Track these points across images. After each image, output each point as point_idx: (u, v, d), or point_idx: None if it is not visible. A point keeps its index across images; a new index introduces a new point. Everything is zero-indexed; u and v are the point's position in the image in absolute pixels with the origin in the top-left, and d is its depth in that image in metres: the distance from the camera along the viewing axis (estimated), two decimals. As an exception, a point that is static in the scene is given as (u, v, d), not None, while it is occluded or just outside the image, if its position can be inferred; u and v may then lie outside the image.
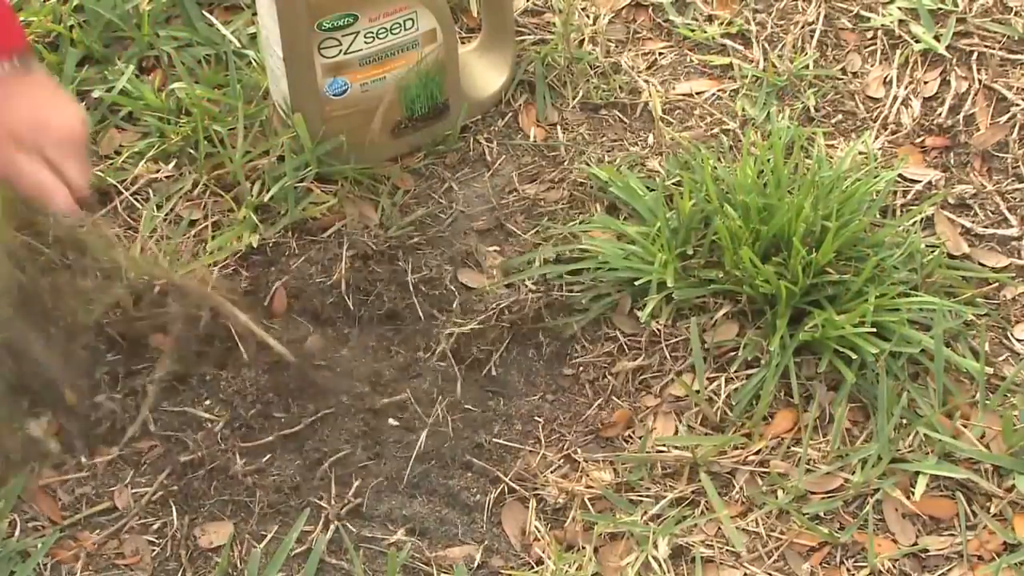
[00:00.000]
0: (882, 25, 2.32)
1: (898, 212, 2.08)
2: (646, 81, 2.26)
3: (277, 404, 1.91)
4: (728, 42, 2.32)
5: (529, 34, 2.31)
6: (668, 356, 1.94)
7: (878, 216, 2.04)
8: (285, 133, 2.06)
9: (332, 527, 1.80)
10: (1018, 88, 2.22)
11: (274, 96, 2.11)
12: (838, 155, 2.13)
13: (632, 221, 2.06)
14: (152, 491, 1.81)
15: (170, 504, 1.81)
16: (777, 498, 1.80)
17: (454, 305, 2.00)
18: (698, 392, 1.89)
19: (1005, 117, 2.20)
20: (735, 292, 1.95)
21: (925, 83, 2.25)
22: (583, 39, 2.31)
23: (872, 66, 2.28)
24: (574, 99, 2.24)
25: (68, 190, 1.67)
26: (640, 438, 1.86)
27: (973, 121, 2.20)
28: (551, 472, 1.85)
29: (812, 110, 2.22)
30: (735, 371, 1.91)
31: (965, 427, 1.85)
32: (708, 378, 1.91)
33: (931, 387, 1.88)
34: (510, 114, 2.23)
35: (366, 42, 2.01)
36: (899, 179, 2.11)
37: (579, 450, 1.87)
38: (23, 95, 1.67)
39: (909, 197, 2.11)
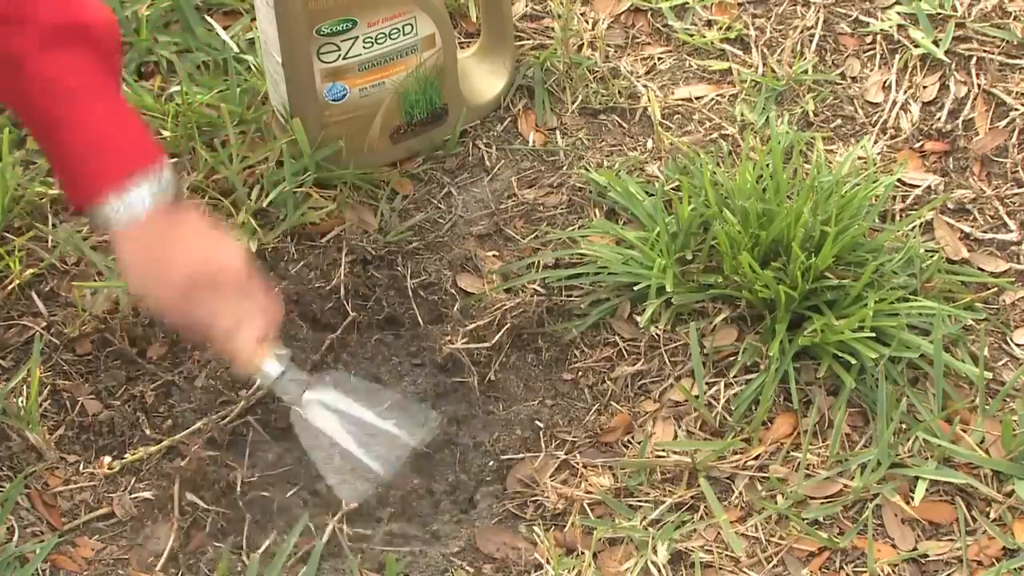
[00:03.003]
0: (881, 30, 2.31)
1: (897, 217, 2.08)
2: (645, 86, 2.26)
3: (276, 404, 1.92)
4: (727, 47, 2.32)
5: (528, 39, 2.31)
6: (667, 361, 1.94)
7: (877, 221, 2.04)
8: (284, 138, 2.06)
9: (330, 532, 1.79)
10: (1017, 93, 2.22)
11: (273, 101, 2.11)
12: (837, 160, 2.13)
13: (631, 226, 2.06)
14: (150, 498, 1.80)
15: (169, 511, 1.80)
16: (776, 503, 1.80)
17: (453, 310, 2.00)
18: (697, 397, 1.89)
19: (1004, 122, 2.20)
20: (734, 297, 1.94)
21: (924, 88, 2.25)
22: (582, 44, 2.31)
23: (871, 71, 2.28)
24: (573, 104, 2.24)
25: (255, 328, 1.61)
26: (639, 443, 1.86)
27: (972, 126, 2.20)
28: (550, 477, 1.85)
29: (811, 115, 2.22)
30: (734, 376, 1.91)
31: (964, 432, 1.85)
32: (707, 383, 1.91)
33: (930, 392, 1.88)
34: (509, 119, 2.23)
35: (365, 47, 2.01)
36: (898, 184, 2.11)
37: (578, 455, 1.87)
38: (187, 234, 1.58)
39: (908, 202, 2.10)
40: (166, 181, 1.55)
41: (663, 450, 1.85)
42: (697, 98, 2.25)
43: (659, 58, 2.31)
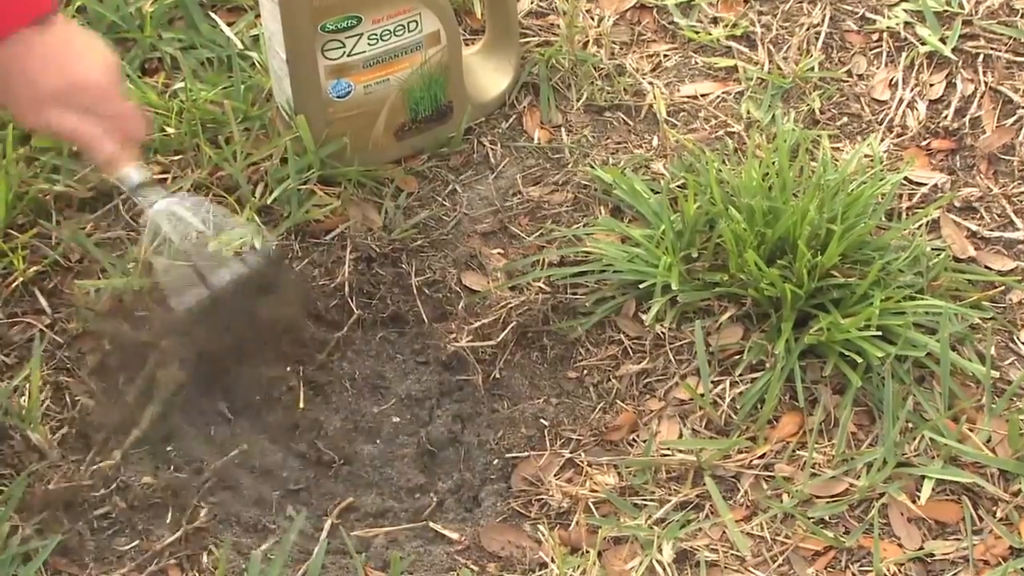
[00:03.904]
0: (888, 27, 2.31)
1: (904, 215, 2.08)
2: (651, 83, 2.26)
3: (277, 406, 1.92)
4: (733, 44, 2.31)
5: (533, 36, 2.31)
6: (672, 359, 1.93)
7: (883, 219, 2.03)
8: (288, 135, 2.06)
9: (333, 529, 1.79)
10: (1024, 91, 2.22)
11: (277, 98, 2.11)
12: (843, 158, 2.12)
13: (636, 224, 2.05)
14: (152, 496, 1.80)
15: (171, 508, 1.80)
16: (782, 502, 1.79)
17: (458, 308, 2.00)
18: (703, 395, 1.88)
19: (1011, 120, 2.19)
20: (740, 295, 1.94)
21: (931, 85, 2.24)
22: (587, 41, 2.30)
23: (878, 68, 2.28)
24: (578, 101, 2.24)
25: (115, 138, 1.71)
26: (644, 442, 1.86)
27: (979, 124, 2.20)
28: (555, 476, 1.84)
29: (817, 112, 2.21)
30: (740, 374, 1.90)
31: (971, 431, 1.84)
32: (713, 381, 1.90)
33: (937, 391, 1.87)
34: (514, 116, 2.22)
35: (369, 44, 2.01)
36: (905, 182, 2.11)
37: (583, 453, 1.86)
38: (49, 53, 1.65)
39: (915, 200, 2.10)
40: (47, 15, 1.64)
41: (668, 449, 1.85)
42: (703, 95, 2.25)
43: (664, 55, 2.31)
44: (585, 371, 1.95)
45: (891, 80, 2.26)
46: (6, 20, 1.63)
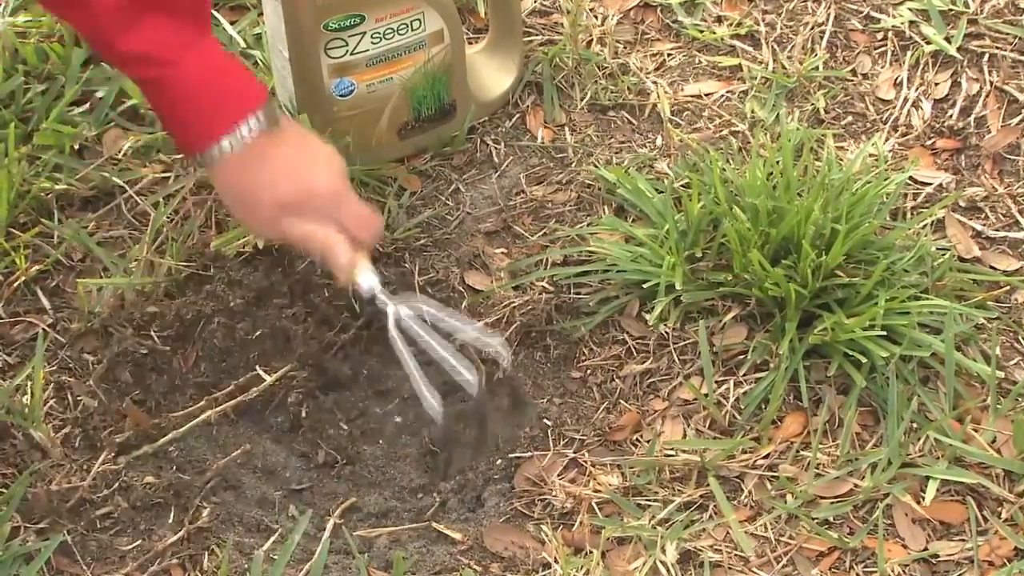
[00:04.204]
0: (892, 26, 2.31)
1: (908, 215, 2.07)
2: (654, 82, 2.25)
3: (280, 406, 1.91)
4: (737, 43, 2.31)
5: (537, 35, 2.30)
6: (676, 359, 1.93)
7: (888, 219, 2.03)
8: (291, 134, 2.05)
9: (336, 529, 1.78)
10: (1030, 90, 2.22)
11: (280, 96, 2.10)
12: (848, 157, 2.12)
13: (640, 223, 2.05)
14: (154, 495, 1.80)
15: (173, 508, 1.80)
16: (786, 503, 1.79)
17: (461, 307, 1.99)
18: (706, 395, 1.88)
19: (1016, 119, 2.19)
20: (744, 295, 1.93)
21: (936, 85, 2.24)
22: (591, 40, 2.30)
23: (882, 68, 2.27)
24: (582, 100, 2.23)
25: (351, 245, 1.72)
26: (648, 442, 1.85)
27: (984, 123, 2.19)
28: (558, 476, 1.84)
29: (822, 112, 2.21)
30: (744, 374, 1.90)
31: (976, 431, 1.83)
32: (717, 381, 1.90)
33: (942, 391, 1.87)
34: (517, 115, 2.22)
35: (373, 43, 2.00)
36: (909, 182, 2.10)
37: (587, 453, 1.86)
38: (281, 161, 1.69)
39: (920, 200, 2.09)
40: (265, 116, 1.68)
41: (672, 449, 1.84)
42: (707, 94, 2.24)
43: (669, 54, 2.30)
44: (589, 371, 1.94)
45: (896, 79, 2.26)
46: (227, 111, 1.67)
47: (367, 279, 1.76)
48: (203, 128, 1.67)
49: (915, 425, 1.84)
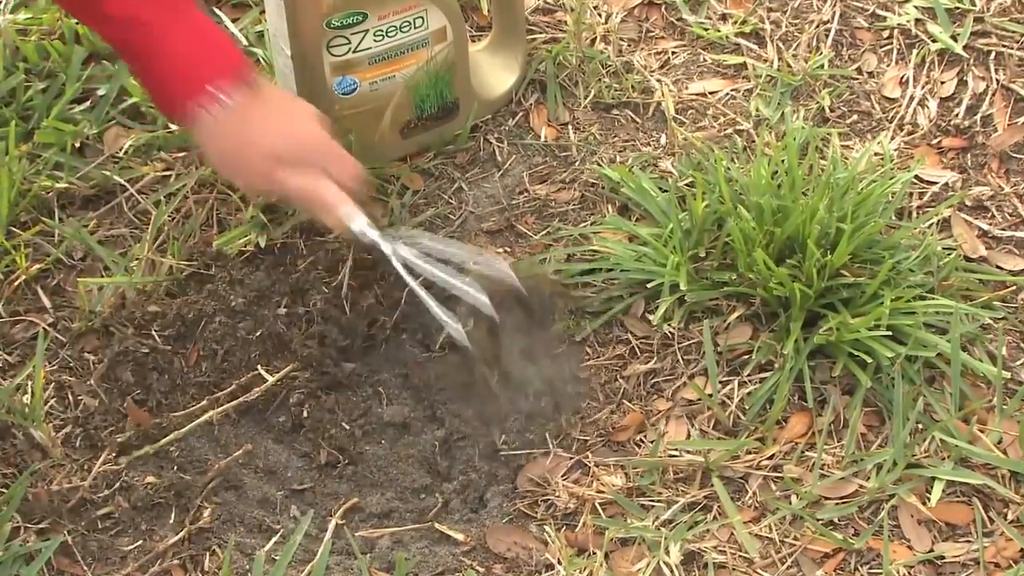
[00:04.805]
0: (898, 24, 2.30)
1: (914, 214, 2.06)
2: (659, 80, 2.25)
3: (282, 406, 1.91)
4: (742, 41, 2.30)
5: (540, 33, 2.30)
6: (680, 359, 1.92)
7: (894, 218, 2.02)
8: (293, 132, 2.05)
9: (338, 529, 1.78)
10: (1036, 88, 2.21)
11: (282, 95, 2.10)
12: (853, 156, 2.11)
13: (644, 222, 2.04)
14: (155, 495, 1.79)
15: (174, 508, 1.79)
16: (791, 504, 1.78)
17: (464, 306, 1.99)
18: (711, 396, 1.87)
19: (1023, 118, 2.18)
20: (748, 295, 1.93)
21: (942, 83, 2.23)
22: (595, 38, 2.29)
23: (888, 66, 2.27)
24: (586, 99, 2.23)
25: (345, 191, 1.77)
26: (652, 442, 1.85)
27: (991, 122, 2.19)
28: (562, 476, 1.83)
29: (827, 110, 2.20)
30: (748, 375, 1.89)
31: (982, 432, 1.83)
32: (721, 382, 1.89)
33: (947, 391, 1.86)
34: (521, 114, 2.21)
35: (375, 40, 2.00)
36: (915, 181, 2.09)
37: (590, 454, 1.85)
38: (270, 117, 1.74)
39: (925, 199, 2.09)
40: (245, 76, 1.73)
41: (676, 449, 1.84)
42: (711, 93, 2.24)
43: (673, 52, 2.30)
44: (592, 371, 1.93)
45: (902, 78, 2.25)
46: (204, 73, 1.72)
47: (366, 226, 1.79)
48: (183, 87, 1.72)
49: (921, 426, 1.83)
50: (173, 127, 2.10)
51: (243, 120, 1.72)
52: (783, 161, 2.01)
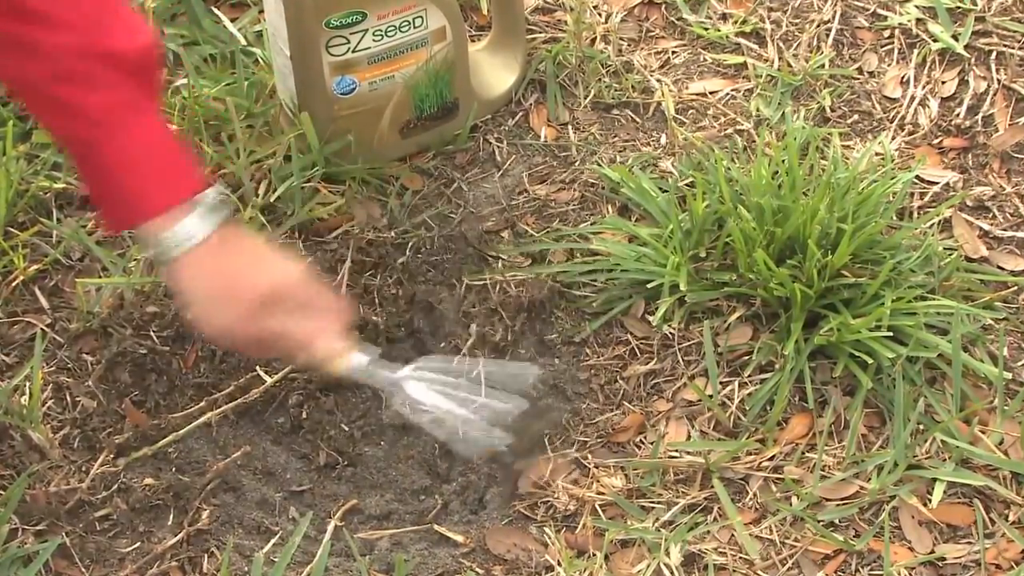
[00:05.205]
0: (899, 24, 2.29)
1: (915, 214, 2.06)
2: (659, 80, 2.24)
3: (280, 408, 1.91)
4: (742, 41, 2.30)
5: (540, 32, 2.29)
6: (681, 360, 1.92)
7: (894, 218, 2.02)
8: (292, 132, 2.04)
9: (337, 531, 1.77)
10: (1037, 88, 2.21)
11: (281, 95, 2.09)
12: (854, 156, 2.11)
13: (644, 223, 2.04)
14: (154, 497, 1.79)
15: (173, 510, 1.79)
16: (791, 505, 1.78)
17: (461, 308, 1.98)
18: (711, 397, 1.87)
19: (1024, 118, 2.18)
20: (749, 295, 1.92)
21: (943, 83, 2.23)
22: (595, 37, 2.29)
23: (889, 65, 2.26)
24: (586, 98, 2.22)
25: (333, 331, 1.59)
26: (652, 443, 1.84)
27: (992, 122, 2.18)
28: (561, 478, 1.83)
29: (828, 110, 2.20)
30: (749, 375, 1.89)
31: (983, 433, 1.82)
32: (721, 382, 1.89)
33: (948, 392, 1.86)
34: (520, 114, 2.21)
35: (374, 40, 1.99)
36: (916, 181, 2.09)
37: (590, 455, 1.85)
38: (247, 260, 1.55)
39: (926, 199, 2.08)
40: (218, 206, 1.51)
41: (676, 450, 1.83)
42: (712, 93, 2.23)
43: (673, 52, 2.29)
44: (592, 372, 1.93)
45: (902, 77, 2.24)
46: (172, 190, 1.50)
47: (359, 359, 1.62)
48: (131, 203, 1.50)
49: (922, 427, 1.83)
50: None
51: (225, 258, 1.52)
52: (784, 161, 2.01)
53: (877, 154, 2.11)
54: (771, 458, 1.82)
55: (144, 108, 1.49)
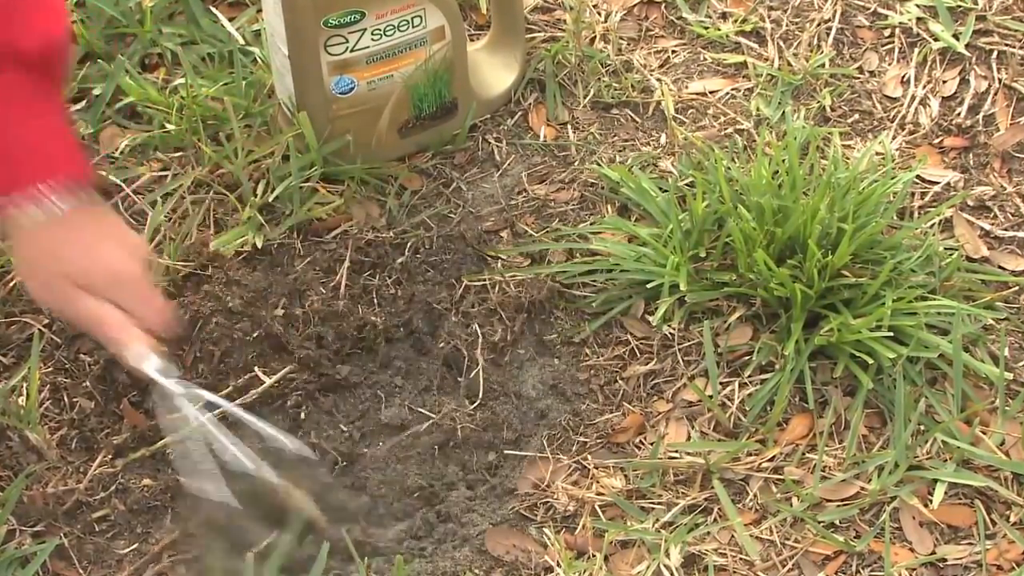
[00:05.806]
0: (900, 23, 2.29)
1: (916, 214, 2.06)
2: (658, 80, 2.24)
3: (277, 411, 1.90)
4: (742, 40, 2.29)
5: (539, 32, 2.29)
6: (680, 360, 1.91)
7: (895, 218, 2.01)
8: (290, 132, 2.04)
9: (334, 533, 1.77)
10: (1038, 87, 2.20)
11: (279, 94, 2.09)
12: (855, 156, 2.10)
13: (644, 223, 2.04)
14: (151, 498, 1.79)
15: (171, 511, 1.79)
16: (792, 506, 1.77)
17: (461, 308, 1.98)
18: (711, 397, 1.86)
19: (1025, 117, 2.18)
20: (749, 295, 1.92)
21: (944, 82, 2.23)
22: (594, 37, 2.28)
23: (890, 65, 2.26)
24: (585, 98, 2.22)
25: (138, 328, 1.59)
26: (652, 444, 1.84)
27: (993, 121, 2.18)
28: (561, 479, 1.82)
29: (828, 109, 2.19)
30: (749, 376, 1.88)
31: (984, 434, 1.82)
32: (721, 383, 1.88)
33: (949, 393, 1.85)
34: (520, 113, 2.20)
35: (373, 39, 1.99)
36: (917, 180, 2.09)
37: (589, 456, 1.84)
38: (77, 231, 1.58)
39: (927, 199, 2.08)
40: (83, 194, 1.56)
41: (676, 451, 1.83)
42: (711, 92, 2.23)
43: (673, 51, 2.29)
44: (592, 372, 1.92)
45: (903, 77, 2.24)
46: (29, 173, 1.55)
47: (151, 366, 1.61)
48: (22, 174, 1.54)
49: (922, 427, 1.82)
50: (170, 127, 2.09)
51: (62, 234, 1.56)
52: (784, 161, 2.00)
53: (878, 154, 2.11)
54: (771, 459, 1.82)
55: (41, 92, 1.55)
